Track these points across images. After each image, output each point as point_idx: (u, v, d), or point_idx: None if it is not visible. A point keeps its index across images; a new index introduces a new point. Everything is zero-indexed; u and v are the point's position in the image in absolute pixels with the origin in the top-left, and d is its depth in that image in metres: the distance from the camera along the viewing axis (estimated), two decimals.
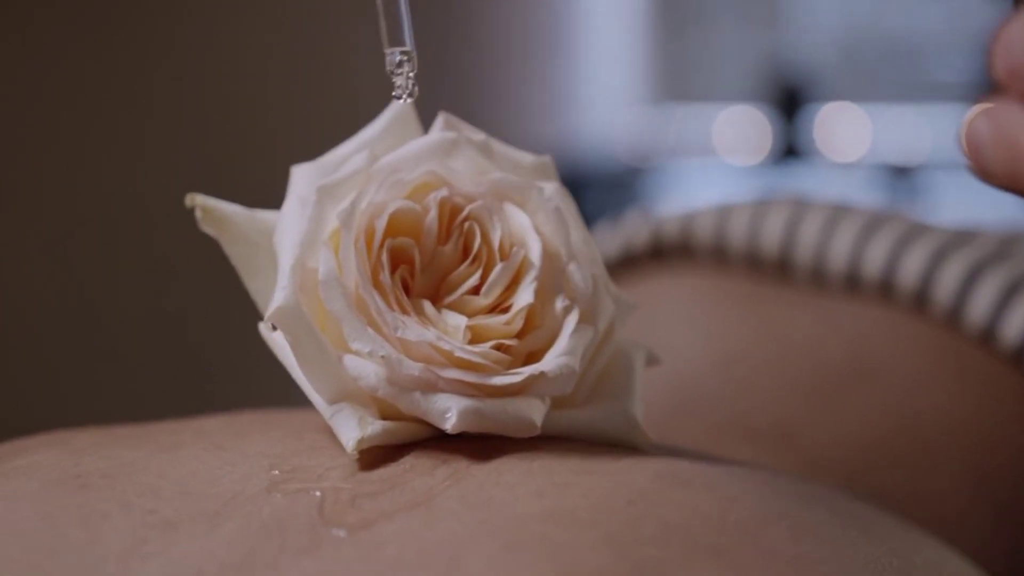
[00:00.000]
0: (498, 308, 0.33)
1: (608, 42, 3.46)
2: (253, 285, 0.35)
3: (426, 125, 0.36)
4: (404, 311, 0.32)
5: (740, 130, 3.45)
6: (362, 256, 0.32)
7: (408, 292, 0.33)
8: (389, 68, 0.36)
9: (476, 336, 0.32)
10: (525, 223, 0.33)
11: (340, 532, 0.28)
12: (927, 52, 3.36)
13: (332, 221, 0.33)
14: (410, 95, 0.36)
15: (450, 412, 0.31)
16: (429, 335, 0.31)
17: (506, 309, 0.33)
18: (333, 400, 0.32)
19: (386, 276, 0.32)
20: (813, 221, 0.62)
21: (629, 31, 3.66)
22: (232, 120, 1.39)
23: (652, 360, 0.36)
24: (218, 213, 0.34)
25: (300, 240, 0.33)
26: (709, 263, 0.65)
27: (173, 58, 1.34)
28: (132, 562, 0.27)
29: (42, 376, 1.16)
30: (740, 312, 0.62)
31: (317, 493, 0.30)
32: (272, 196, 0.36)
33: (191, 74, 1.36)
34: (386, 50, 0.36)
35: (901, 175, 2.92)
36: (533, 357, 0.33)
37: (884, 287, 0.60)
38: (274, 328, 0.33)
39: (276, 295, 0.32)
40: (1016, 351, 0.56)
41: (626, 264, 0.67)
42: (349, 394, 0.32)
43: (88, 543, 0.28)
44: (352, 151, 0.35)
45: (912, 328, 0.58)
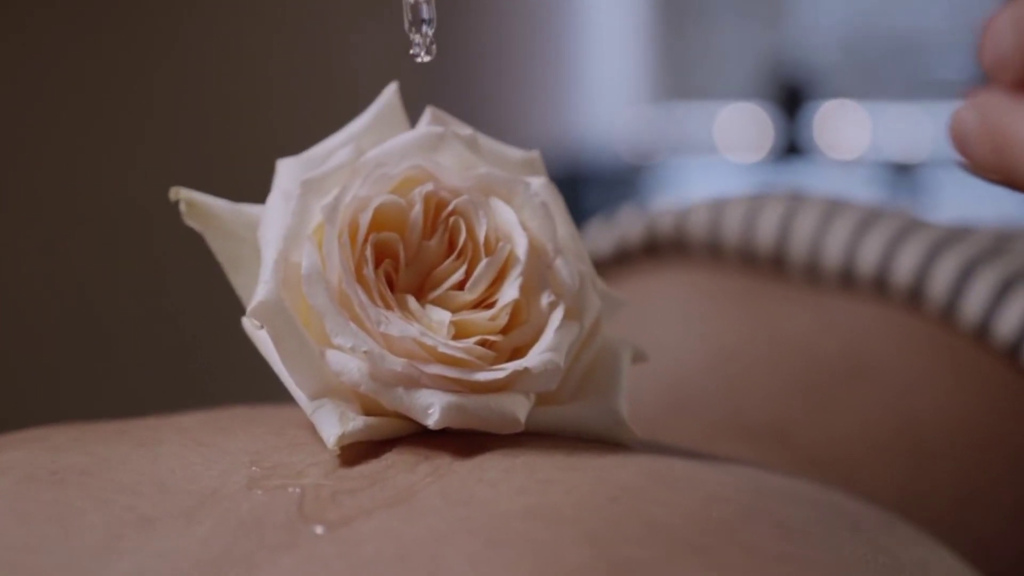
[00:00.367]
0: (483, 304, 0.33)
1: (610, 40, 3.46)
2: (237, 280, 0.34)
3: None
4: (388, 306, 0.32)
5: (742, 128, 3.45)
6: (346, 251, 0.31)
7: (392, 287, 0.33)
8: (407, 25, 0.34)
9: (460, 331, 0.32)
10: (511, 218, 0.33)
11: (319, 529, 0.28)
12: (929, 50, 3.36)
13: (316, 215, 0.33)
14: (428, 53, 0.35)
15: (433, 408, 0.31)
16: (412, 330, 0.31)
17: (491, 305, 0.33)
18: (315, 396, 0.31)
19: (370, 271, 0.32)
20: (808, 217, 0.62)
21: (631, 29, 3.66)
22: (231, 118, 1.39)
23: (639, 357, 0.36)
24: (203, 207, 0.34)
25: (283, 234, 0.32)
26: (704, 259, 0.64)
27: (171, 57, 1.34)
28: (107, 559, 0.27)
29: (40, 374, 1.16)
30: (735, 309, 0.61)
31: (296, 490, 0.29)
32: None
33: (189, 72, 1.36)
34: (406, 4, 0.34)
35: (903, 173, 2.92)
36: (518, 353, 0.32)
37: (879, 284, 0.59)
38: (261, 326, 0.32)
39: (258, 290, 0.31)
40: (1010, 347, 0.56)
41: (620, 260, 0.66)
42: (332, 390, 0.31)
43: (63, 540, 0.27)
44: (337, 145, 0.35)
45: (907, 325, 0.58)
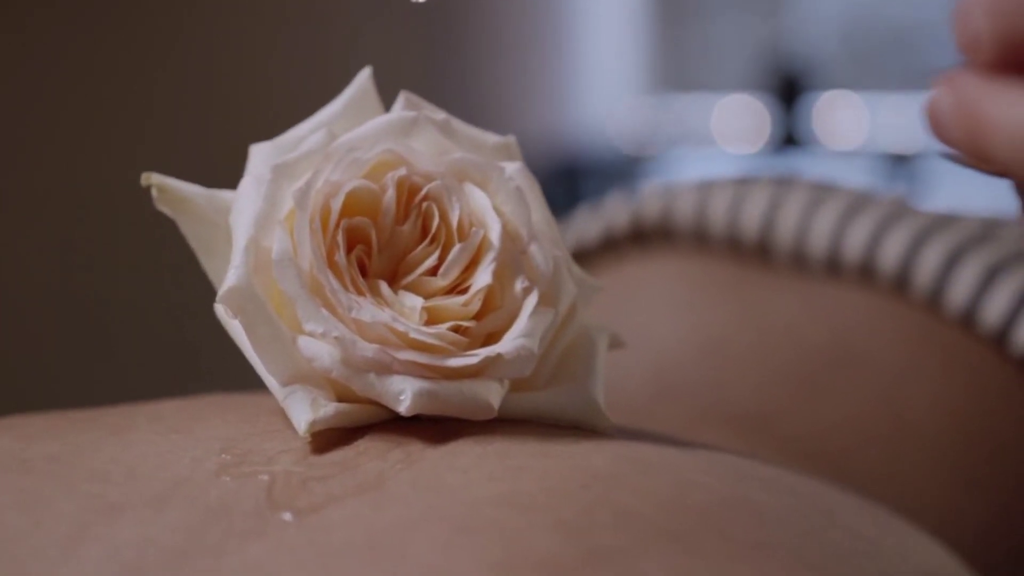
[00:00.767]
0: (457, 289, 0.33)
1: (607, 31, 3.46)
2: (210, 265, 0.34)
3: None
4: (359, 292, 0.31)
5: (739, 119, 3.44)
6: (317, 236, 0.31)
7: (365, 273, 0.32)
8: None
9: (433, 317, 0.32)
10: (485, 203, 0.33)
11: (287, 516, 0.27)
12: (926, 41, 3.35)
13: (288, 200, 0.32)
14: None
15: (404, 394, 0.30)
16: (384, 316, 0.31)
17: (464, 290, 0.32)
18: (287, 382, 0.31)
19: (341, 256, 0.31)
20: (794, 204, 0.62)
21: (628, 20, 3.65)
22: (232, 116, 1.38)
23: (616, 343, 0.36)
24: (174, 192, 0.34)
25: (255, 219, 0.32)
26: (690, 246, 0.64)
27: (172, 54, 1.33)
28: (74, 547, 0.27)
29: (40, 372, 1.16)
30: (722, 297, 0.61)
31: (265, 477, 0.29)
32: None
33: (190, 70, 1.36)
34: None
35: (901, 163, 2.92)
36: (492, 339, 0.32)
37: (864, 271, 0.59)
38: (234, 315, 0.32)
39: (228, 275, 0.31)
40: (996, 334, 0.55)
41: (607, 248, 0.66)
42: (304, 376, 0.31)
43: (30, 528, 0.27)
44: (310, 130, 0.34)
45: (894, 312, 0.58)
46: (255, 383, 0.33)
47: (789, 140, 3.20)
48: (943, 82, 0.31)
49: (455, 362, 0.31)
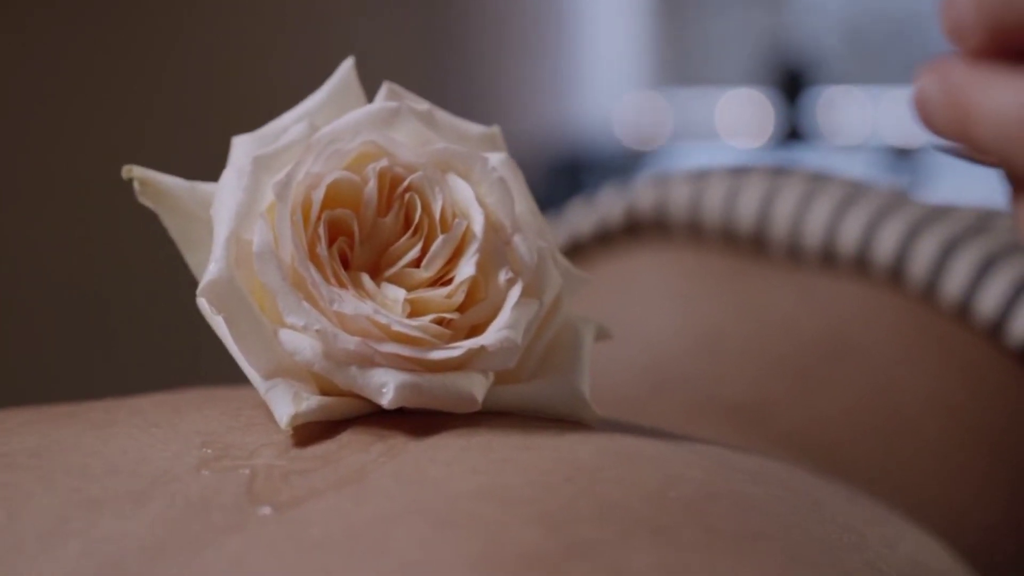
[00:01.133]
0: (440, 281, 0.32)
1: (610, 26, 3.45)
2: (192, 258, 0.34)
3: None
4: (341, 284, 0.31)
5: (743, 113, 3.44)
6: (298, 228, 0.31)
7: (348, 265, 0.32)
8: None
9: (417, 309, 0.31)
10: (468, 194, 0.32)
11: (267, 510, 0.27)
12: (930, 34, 3.34)
13: (269, 193, 0.32)
14: None
15: (387, 387, 0.30)
16: (366, 308, 0.30)
17: (448, 282, 0.32)
18: (269, 375, 0.31)
19: (323, 249, 0.31)
20: (789, 195, 0.61)
21: (631, 14, 3.65)
22: (232, 110, 1.38)
23: (603, 335, 0.35)
24: (156, 185, 0.33)
25: (235, 212, 0.32)
26: (685, 239, 0.64)
27: (172, 48, 1.33)
28: (53, 542, 0.26)
29: (40, 371, 1.16)
30: (718, 289, 0.61)
31: (246, 471, 0.29)
32: None
33: (191, 64, 1.36)
34: None
35: (904, 157, 2.91)
36: (476, 331, 0.32)
37: (860, 262, 0.59)
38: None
39: (209, 268, 0.31)
40: (992, 325, 0.55)
41: (602, 241, 0.66)
42: (286, 369, 0.31)
43: (9, 523, 0.27)
44: (292, 121, 0.34)
45: (889, 304, 0.58)
46: (244, 377, 0.33)
47: (792, 134, 3.20)
48: (930, 70, 0.30)
49: (438, 354, 0.30)
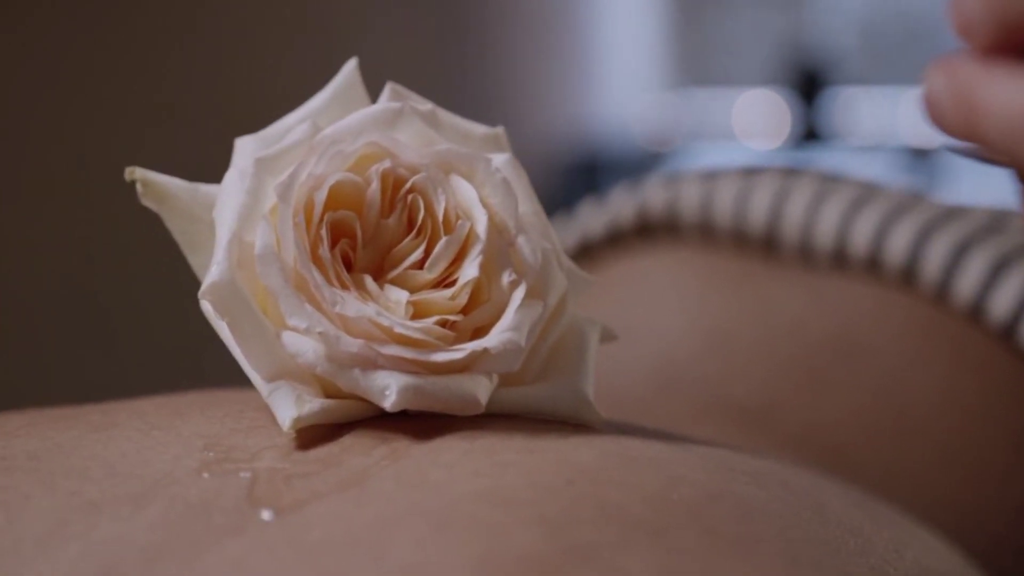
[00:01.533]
0: (443, 283, 0.32)
1: (627, 26, 3.45)
2: (195, 260, 0.34)
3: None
4: (344, 286, 0.31)
5: (760, 114, 3.43)
6: (300, 230, 0.31)
7: (351, 267, 0.32)
8: None
9: (420, 311, 0.31)
10: (471, 195, 0.32)
11: (267, 514, 0.27)
12: (947, 34, 3.33)
13: (271, 194, 0.32)
14: None
15: (390, 389, 0.30)
16: (368, 310, 0.30)
17: (451, 284, 0.32)
18: (272, 378, 0.31)
19: (325, 250, 0.31)
20: (800, 197, 0.61)
21: (648, 15, 3.64)
22: (241, 110, 1.38)
23: (608, 336, 0.35)
24: (159, 187, 0.33)
25: (237, 213, 0.32)
26: (696, 239, 0.63)
27: (178, 46, 1.33)
28: (52, 545, 0.26)
29: (41, 371, 1.16)
30: (728, 289, 0.61)
31: (247, 474, 0.29)
32: None
33: (197, 63, 1.36)
34: None
35: (921, 157, 2.90)
36: (479, 333, 0.32)
37: (872, 263, 0.58)
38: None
39: (211, 271, 0.31)
40: (1004, 327, 0.55)
41: (613, 242, 0.65)
42: (289, 372, 0.31)
43: (7, 526, 0.27)
44: (295, 122, 0.34)
45: (901, 306, 0.57)
46: (248, 379, 0.33)
47: (810, 135, 3.19)
48: (938, 68, 0.30)
49: (441, 357, 0.30)
